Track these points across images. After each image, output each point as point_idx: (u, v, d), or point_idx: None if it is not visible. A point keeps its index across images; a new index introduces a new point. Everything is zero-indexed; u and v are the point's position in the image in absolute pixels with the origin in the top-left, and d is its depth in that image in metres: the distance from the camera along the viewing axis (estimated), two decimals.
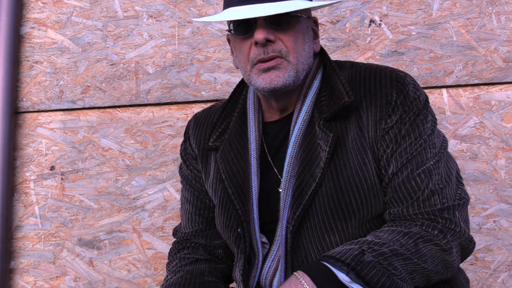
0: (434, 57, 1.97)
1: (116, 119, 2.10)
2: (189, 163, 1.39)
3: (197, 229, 1.39)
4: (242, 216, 1.22)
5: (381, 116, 1.15)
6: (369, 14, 2.02)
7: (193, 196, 1.40)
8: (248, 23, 1.15)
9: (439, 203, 1.11)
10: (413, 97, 1.16)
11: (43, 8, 2.18)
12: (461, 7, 1.98)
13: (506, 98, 1.93)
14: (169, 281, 1.34)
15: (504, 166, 1.89)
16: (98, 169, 2.08)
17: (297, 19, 1.16)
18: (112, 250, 2.03)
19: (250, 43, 1.16)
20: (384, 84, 1.16)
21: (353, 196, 1.14)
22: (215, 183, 1.31)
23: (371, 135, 1.15)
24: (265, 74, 1.15)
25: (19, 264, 2.06)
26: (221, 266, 1.39)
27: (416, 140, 1.14)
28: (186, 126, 1.44)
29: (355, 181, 1.14)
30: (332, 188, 1.14)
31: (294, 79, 1.17)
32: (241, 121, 1.29)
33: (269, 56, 1.14)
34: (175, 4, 2.12)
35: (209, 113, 1.39)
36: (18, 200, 2.09)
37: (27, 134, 2.13)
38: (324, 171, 1.14)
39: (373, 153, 1.15)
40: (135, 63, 2.11)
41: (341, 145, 1.15)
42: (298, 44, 1.16)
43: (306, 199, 1.14)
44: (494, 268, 1.85)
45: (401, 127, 1.14)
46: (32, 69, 2.15)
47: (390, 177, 1.14)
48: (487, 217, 1.88)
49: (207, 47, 2.08)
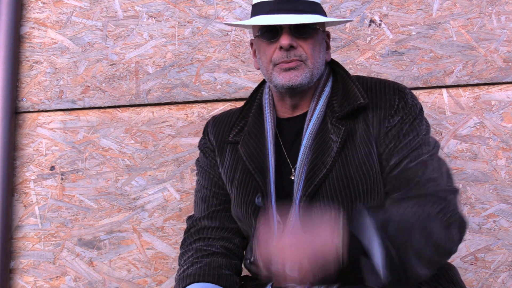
0: (434, 57, 1.97)
1: (116, 119, 2.10)
2: (208, 154, 1.54)
3: (213, 210, 1.50)
4: (262, 186, 1.35)
5: (385, 116, 1.33)
6: (369, 14, 2.02)
7: (210, 182, 1.53)
8: (274, 30, 1.33)
9: (435, 188, 1.26)
10: (412, 104, 1.36)
11: (43, 8, 2.18)
12: (461, 7, 1.98)
13: (506, 98, 1.93)
14: (186, 271, 1.40)
15: (504, 166, 1.89)
16: (98, 169, 2.08)
17: (316, 31, 1.36)
18: (112, 250, 2.03)
19: (275, 47, 1.34)
20: (388, 92, 1.37)
21: (360, 182, 1.30)
22: (230, 170, 1.46)
23: (375, 131, 1.33)
24: (286, 73, 1.33)
25: (19, 264, 2.06)
26: (235, 261, 1.47)
27: (414, 138, 1.32)
28: (205, 125, 1.60)
29: (362, 169, 1.31)
30: (341, 174, 1.31)
31: (309, 80, 1.35)
32: (258, 116, 1.47)
33: (291, 59, 1.33)
34: (175, 4, 2.12)
35: (227, 115, 1.57)
36: (18, 200, 2.09)
37: (27, 134, 2.13)
38: (335, 159, 1.31)
39: (377, 147, 1.32)
40: (135, 63, 2.11)
41: (350, 139, 1.33)
42: (315, 51, 1.36)
43: (318, 181, 1.30)
44: (494, 268, 1.85)
45: (402, 127, 1.32)
46: (32, 69, 2.15)
47: (392, 168, 1.31)
48: (487, 217, 1.88)
49: (207, 47, 2.08)
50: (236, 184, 1.44)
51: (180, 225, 2.01)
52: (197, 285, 1.36)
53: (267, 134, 1.41)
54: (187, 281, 1.37)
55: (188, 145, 2.05)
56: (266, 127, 1.42)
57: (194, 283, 1.36)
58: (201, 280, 1.37)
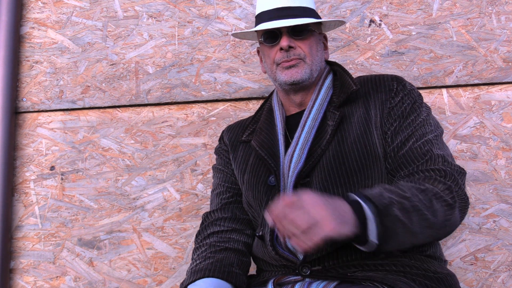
0: (434, 57, 1.97)
1: (116, 119, 2.10)
2: (222, 155, 1.68)
3: (225, 202, 1.61)
4: (274, 167, 1.46)
5: (386, 98, 1.45)
6: (369, 14, 2.02)
7: (223, 178, 1.65)
8: (275, 34, 1.50)
9: (442, 165, 1.34)
10: (410, 88, 1.48)
11: (43, 8, 2.18)
12: (461, 7, 1.98)
13: (506, 98, 1.93)
14: (199, 266, 1.46)
15: (504, 166, 1.89)
16: (98, 169, 2.08)
17: (311, 32, 1.51)
18: (112, 250, 2.03)
19: (276, 49, 1.50)
20: (387, 79, 1.49)
21: (354, 159, 1.39)
22: (242, 163, 1.58)
23: (378, 113, 1.44)
24: (287, 71, 1.49)
25: (19, 264, 2.06)
26: (246, 259, 1.53)
27: (416, 118, 1.42)
28: (221, 133, 1.73)
29: (357, 147, 1.40)
30: (337, 151, 1.41)
31: (309, 75, 1.50)
32: (269, 115, 1.61)
33: (291, 58, 1.48)
34: (175, 4, 2.12)
35: (240, 122, 1.73)
36: (18, 200, 2.09)
37: (27, 134, 2.13)
38: (330, 139, 1.42)
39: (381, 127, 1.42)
40: (135, 63, 2.11)
41: (347, 122, 1.44)
42: (313, 50, 1.51)
43: (315, 158, 1.42)
44: (494, 268, 1.85)
45: (405, 107, 1.43)
46: (32, 69, 2.15)
47: (398, 147, 1.39)
48: (487, 217, 1.88)
49: (207, 47, 2.08)
50: (249, 170, 1.55)
51: (180, 225, 2.01)
52: (206, 280, 1.41)
53: (277, 128, 1.54)
54: (198, 275, 1.43)
55: (188, 145, 2.05)
56: (276, 122, 1.56)
57: (204, 278, 1.42)
58: (211, 275, 1.42)
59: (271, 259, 1.44)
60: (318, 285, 1.30)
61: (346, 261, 1.34)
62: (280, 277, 1.39)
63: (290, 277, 1.38)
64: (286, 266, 1.41)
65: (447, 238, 1.88)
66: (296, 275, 1.37)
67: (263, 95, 2.03)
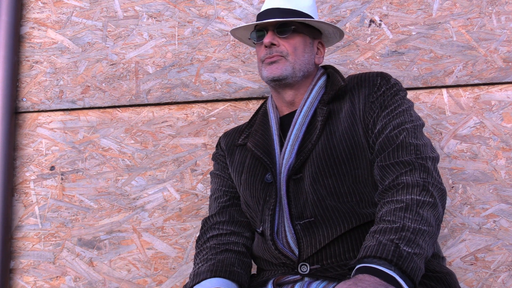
0: (434, 57, 1.97)
1: (116, 119, 2.10)
2: (220, 160, 1.71)
3: (223, 205, 1.64)
4: (270, 165, 1.50)
5: (369, 92, 1.50)
6: (369, 14, 2.02)
7: (221, 182, 1.68)
8: (262, 33, 1.56)
9: (414, 153, 1.37)
10: (394, 82, 1.52)
11: (43, 8, 2.18)
12: (461, 7, 1.98)
13: (506, 98, 1.93)
14: (201, 268, 1.49)
15: (504, 166, 1.89)
16: (98, 169, 2.08)
17: (297, 33, 1.55)
18: (112, 250, 2.03)
19: (263, 47, 1.56)
20: (372, 75, 1.55)
21: (343, 150, 1.44)
22: (239, 165, 1.62)
23: (361, 107, 1.49)
24: (269, 66, 1.54)
25: (19, 264, 2.06)
26: (247, 260, 1.55)
27: (396, 108, 1.46)
28: (218, 140, 1.77)
29: (345, 139, 1.45)
30: (326, 145, 1.46)
31: (290, 73, 1.54)
32: (264, 117, 1.65)
33: (273, 55, 1.53)
34: (175, 4, 2.12)
35: (236, 127, 1.76)
36: (18, 200, 2.09)
37: (27, 134, 2.13)
38: (319, 134, 1.48)
39: (363, 120, 1.47)
40: (135, 63, 2.11)
41: (335, 117, 1.50)
42: (298, 50, 1.55)
43: (305, 153, 1.47)
44: (494, 268, 1.85)
45: (385, 99, 1.48)
46: (32, 69, 2.15)
47: (377, 135, 1.44)
48: (487, 217, 1.88)
49: (207, 47, 2.08)
50: (246, 171, 1.59)
51: (180, 225, 2.01)
52: (211, 280, 1.45)
53: (272, 128, 1.59)
54: (200, 277, 1.46)
55: (188, 145, 2.05)
56: (271, 123, 1.60)
57: (207, 279, 1.45)
58: (214, 275, 1.45)
59: (271, 256, 1.46)
60: (318, 285, 1.31)
61: (345, 259, 1.35)
62: (280, 277, 1.40)
63: (290, 276, 1.39)
64: (286, 264, 1.42)
65: (447, 238, 1.88)
66: (295, 274, 1.38)
67: (263, 95, 2.03)
